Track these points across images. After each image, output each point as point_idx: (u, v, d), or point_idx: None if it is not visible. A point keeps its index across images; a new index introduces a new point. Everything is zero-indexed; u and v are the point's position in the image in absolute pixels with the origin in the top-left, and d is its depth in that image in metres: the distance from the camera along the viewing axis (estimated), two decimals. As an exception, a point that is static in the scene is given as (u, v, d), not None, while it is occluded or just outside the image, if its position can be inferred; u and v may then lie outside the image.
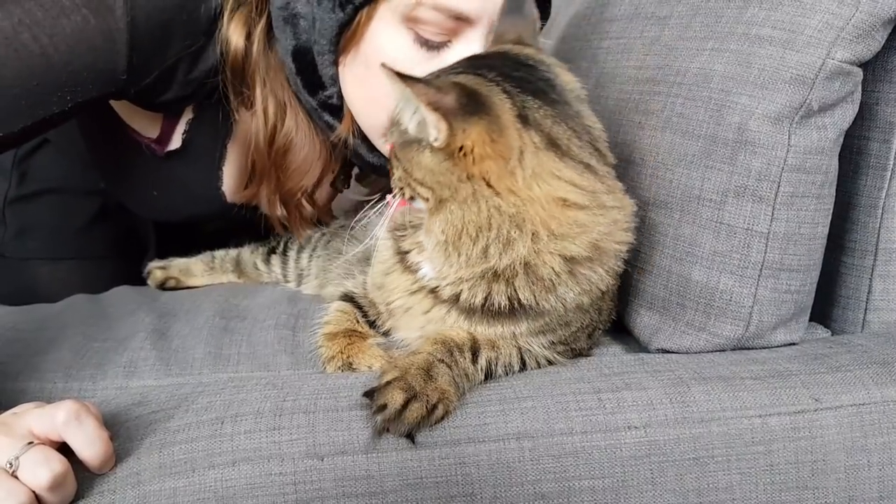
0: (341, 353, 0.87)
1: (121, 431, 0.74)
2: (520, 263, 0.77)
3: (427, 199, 0.78)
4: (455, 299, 0.81)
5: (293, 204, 1.14)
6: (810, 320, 0.91)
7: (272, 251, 1.29)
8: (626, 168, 0.94)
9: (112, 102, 1.11)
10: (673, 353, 0.88)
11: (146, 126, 1.14)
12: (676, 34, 0.92)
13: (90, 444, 0.67)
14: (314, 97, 1.03)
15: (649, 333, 0.90)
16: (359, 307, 0.94)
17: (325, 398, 0.75)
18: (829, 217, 0.85)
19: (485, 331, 0.81)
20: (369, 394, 0.73)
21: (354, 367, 0.86)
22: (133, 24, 0.90)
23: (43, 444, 0.66)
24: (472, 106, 0.73)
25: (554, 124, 0.77)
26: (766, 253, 0.82)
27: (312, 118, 1.08)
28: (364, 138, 1.06)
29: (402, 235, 0.87)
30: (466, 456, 0.71)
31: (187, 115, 1.13)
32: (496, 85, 0.77)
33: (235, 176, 1.20)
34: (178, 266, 1.30)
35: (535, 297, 0.79)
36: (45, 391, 0.92)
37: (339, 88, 1.01)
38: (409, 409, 0.71)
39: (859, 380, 0.78)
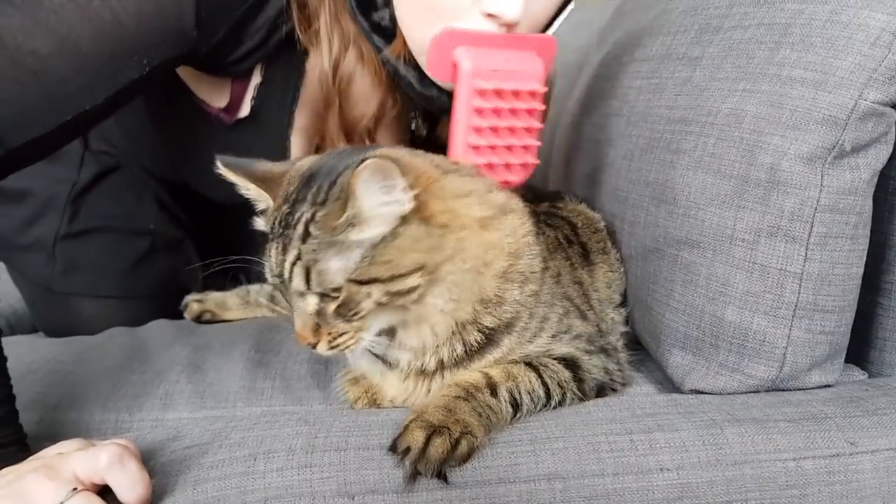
0: (365, 392, 0.88)
1: (156, 467, 0.75)
2: (479, 300, 0.80)
3: (414, 289, 0.75)
4: (441, 364, 0.82)
5: (356, 138, 1.15)
6: (847, 362, 0.90)
7: None
8: (657, 206, 0.94)
9: (181, 73, 1.14)
10: (706, 393, 0.87)
11: (215, 95, 1.16)
12: (708, 74, 0.92)
13: (131, 488, 0.69)
14: (367, 18, 1.04)
15: (682, 373, 0.90)
16: None
17: (356, 436, 0.76)
18: (864, 258, 0.84)
19: (480, 367, 0.82)
20: (392, 447, 0.73)
21: (378, 402, 0.87)
22: None
23: (87, 489, 0.68)
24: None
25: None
26: (799, 293, 0.81)
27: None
28: (416, 67, 1.06)
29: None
30: (497, 497, 0.71)
31: (255, 80, 1.15)
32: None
33: (302, 143, 1.21)
34: (214, 299, 1.32)
35: (495, 316, 0.81)
36: (82, 422, 0.95)
37: (391, 10, 1.02)
38: (431, 445, 0.71)
39: (896, 424, 0.77)
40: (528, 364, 0.82)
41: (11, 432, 0.79)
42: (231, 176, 0.84)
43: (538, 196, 1.13)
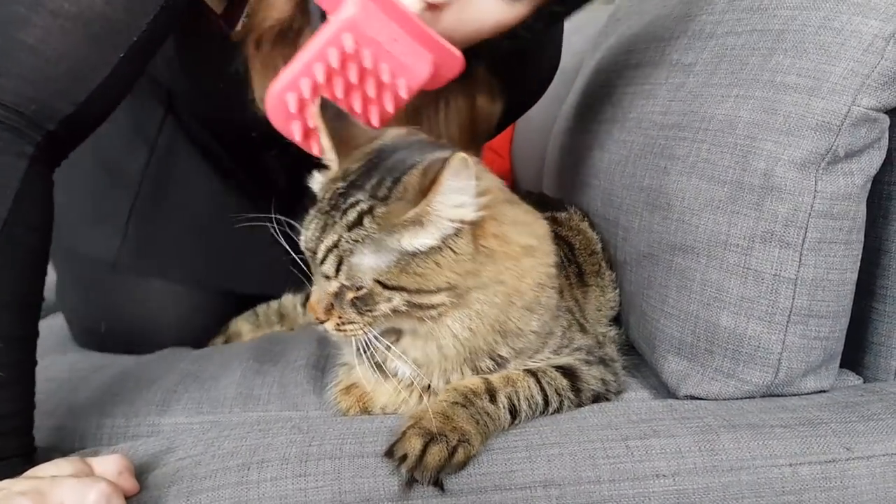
0: (357, 402, 0.88)
1: (149, 480, 0.75)
2: (500, 331, 0.80)
3: (436, 307, 0.75)
4: (447, 383, 0.82)
5: (264, 41, 1.04)
6: (842, 367, 0.90)
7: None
8: (651, 212, 0.94)
9: None
10: (702, 399, 0.87)
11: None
12: (702, 81, 0.92)
13: None
14: None
15: (677, 379, 0.90)
16: None
17: (350, 443, 0.76)
18: (858, 263, 0.84)
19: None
20: (389, 452, 0.73)
21: (370, 411, 0.87)
22: None
23: None
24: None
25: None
26: (794, 299, 0.82)
27: None
28: None
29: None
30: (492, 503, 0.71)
31: None
32: None
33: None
34: (229, 328, 1.32)
35: (511, 347, 0.81)
36: (78, 429, 0.95)
37: None
38: (428, 452, 0.71)
39: (892, 429, 0.77)
40: (528, 371, 0.82)
41: (19, 445, 0.78)
42: (318, 119, 0.81)
43: (543, 203, 1.09)
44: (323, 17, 0.92)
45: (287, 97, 0.85)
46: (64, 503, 0.66)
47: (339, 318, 0.77)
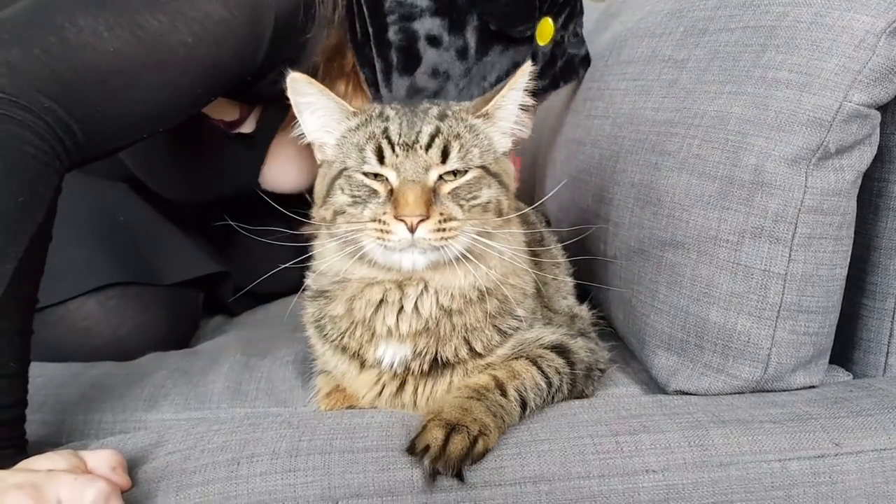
0: (339, 403, 0.89)
1: (139, 474, 0.74)
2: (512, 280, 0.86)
3: (503, 211, 0.82)
4: (435, 362, 0.82)
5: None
6: (831, 363, 0.90)
7: None
8: (642, 208, 0.94)
9: None
10: (691, 394, 0.87)
11: (226, 110, 1.21)
12: (694, 77, 0.92)
13: None
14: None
15: (667, 374, 0.90)
16: None
17: (340, 438, 0.76)
18: (848, 259, 0.84)
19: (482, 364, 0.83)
20: (411, 448, 0.72)
21: (355, 406, 0.87)
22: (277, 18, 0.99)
23: None
24: None
25: None
26: (783, 294, 0.82)
27: None
28: None
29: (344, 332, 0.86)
30: (483, 500, 0.71)
31: (259, 107, 1.22)
32: None
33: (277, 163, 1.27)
34: None
35: (523, 308, 0.86)
36: (66, 423, 0.94)
37: None
38: (451, 442, 0.71)
39: (881, 424, 0.77)
40: (527, 358, 0.83)
41: (15, 436, 0.78)
42: (309, 86, 0.83)
43: None
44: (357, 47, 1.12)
45: None
46: (61, 500, 0.65)
47: (441, 214, 0.75)
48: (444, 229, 0.75)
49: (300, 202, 0.91)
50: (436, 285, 0.81)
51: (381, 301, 0.82)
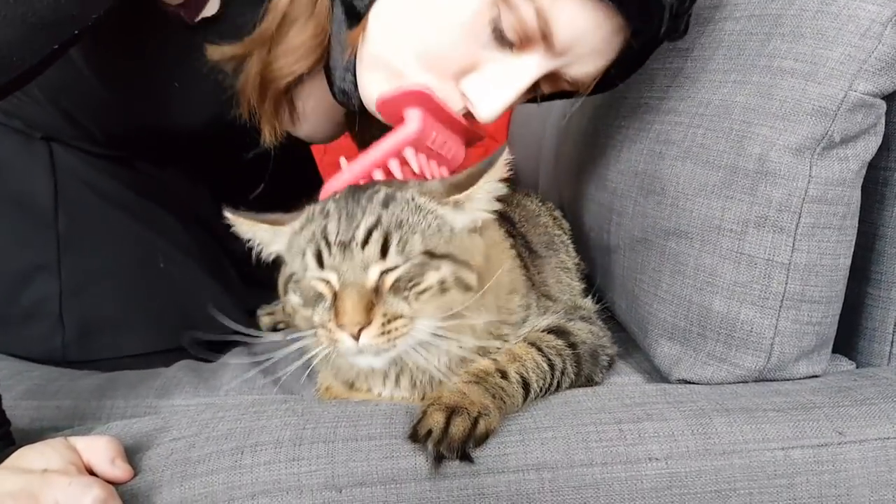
0: (341, 395, 0.88)
1: (143, 462, 0.74)
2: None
3: (470, 288, 0.76)
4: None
5: (272, 90, 1.01)
6: (836, 352, 0.90)
7: None
8: (646, 197, 0.94)
9: None
10: (694, 383, 0.87)
11: None
12: (699, 66, 0.92)
13: None
14: None
15: (670, 363, 0.90)
16: None
17: (344, 426, 0.76)
18: (852, 248, 0.84)
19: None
20: (413, 435, 0.72)
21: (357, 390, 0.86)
22: None
23: None
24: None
25: None
26: (787, 284, 0.82)
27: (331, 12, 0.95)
28: (349, 64, 0.95)
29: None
30: (485, 487, 0.71)
31: None
32: None
33: (308, 122, 1.12)
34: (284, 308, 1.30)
35: (509, 325, 0.85)
36: (79, 409, 0.96)
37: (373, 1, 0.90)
38: (452, 424, 0.71)
39: (884, 413, 0.77)
40: (527, 342, 0.83)
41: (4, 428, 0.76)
42: (240, 220, 0.82)
43: None
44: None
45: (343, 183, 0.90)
46: (58, 502, 0.64)
47: (384, 315, 0.72)
48: (388, 332, 0.72)
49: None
50: (410, 366, 0.80)
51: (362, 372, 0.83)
